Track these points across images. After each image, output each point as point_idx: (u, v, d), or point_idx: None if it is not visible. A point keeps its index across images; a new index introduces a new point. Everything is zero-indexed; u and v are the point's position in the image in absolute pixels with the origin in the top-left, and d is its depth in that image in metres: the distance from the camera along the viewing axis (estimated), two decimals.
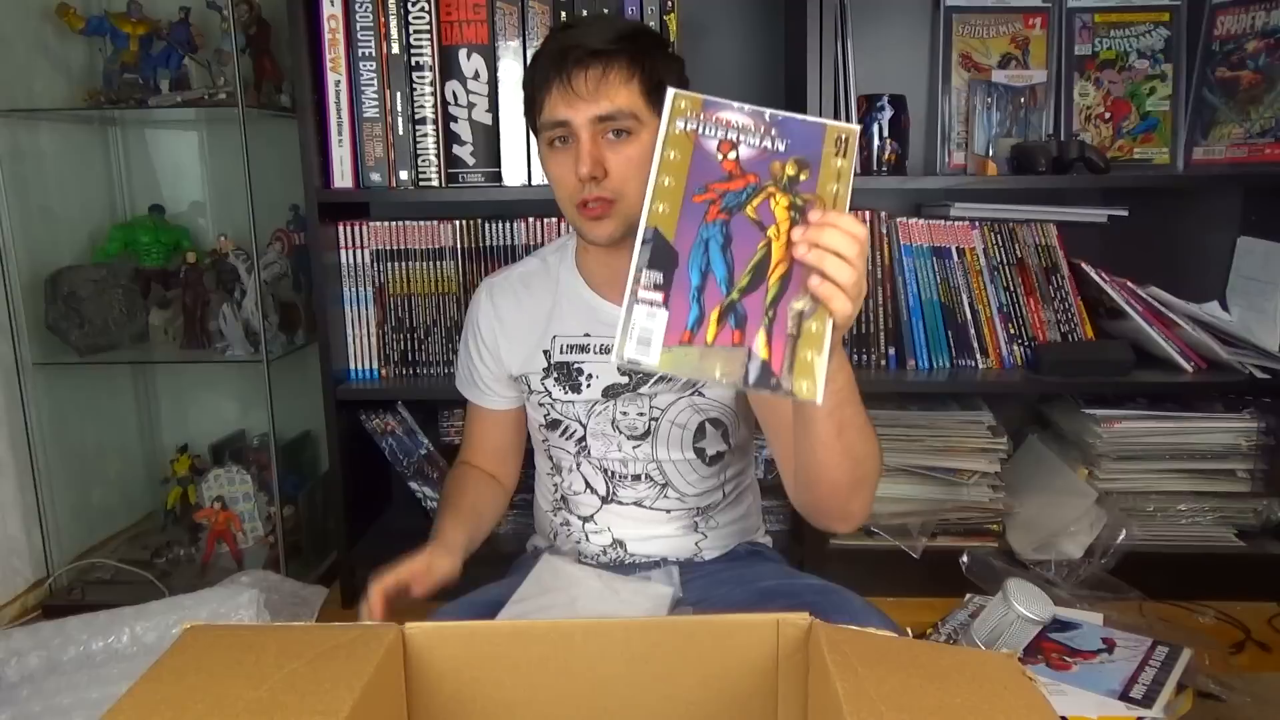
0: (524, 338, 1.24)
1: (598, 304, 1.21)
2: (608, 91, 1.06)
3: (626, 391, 1.20)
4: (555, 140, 1.10)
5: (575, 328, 1.22)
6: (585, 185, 1.08)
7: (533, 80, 1.11)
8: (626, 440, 1.22)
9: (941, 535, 1.84)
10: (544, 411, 1.25)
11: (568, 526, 1.29)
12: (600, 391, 1.21)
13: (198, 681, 0.66)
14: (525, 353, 1.24)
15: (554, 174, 1.12)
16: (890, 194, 1.93)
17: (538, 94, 1.09)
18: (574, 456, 1.25)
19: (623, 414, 1.21)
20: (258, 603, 1.55)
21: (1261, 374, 1.75)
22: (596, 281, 1.21)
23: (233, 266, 1.89)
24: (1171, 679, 1.36)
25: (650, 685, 0.76)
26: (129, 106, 1.84)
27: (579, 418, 1.23)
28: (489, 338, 1.27)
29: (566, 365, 1.22)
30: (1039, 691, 0.66)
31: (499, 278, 1.29)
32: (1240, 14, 1.85)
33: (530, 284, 1.26)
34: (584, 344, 1.21)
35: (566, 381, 1.22)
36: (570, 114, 1.07)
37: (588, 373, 1.21)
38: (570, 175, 1.08)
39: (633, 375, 1.20)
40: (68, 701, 1.40)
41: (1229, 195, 1.98)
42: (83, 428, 2.01)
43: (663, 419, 1.21)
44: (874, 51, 1.93)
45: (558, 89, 1.07)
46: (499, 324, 1.26)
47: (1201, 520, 1.81)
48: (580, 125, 1.07)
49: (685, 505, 1.25)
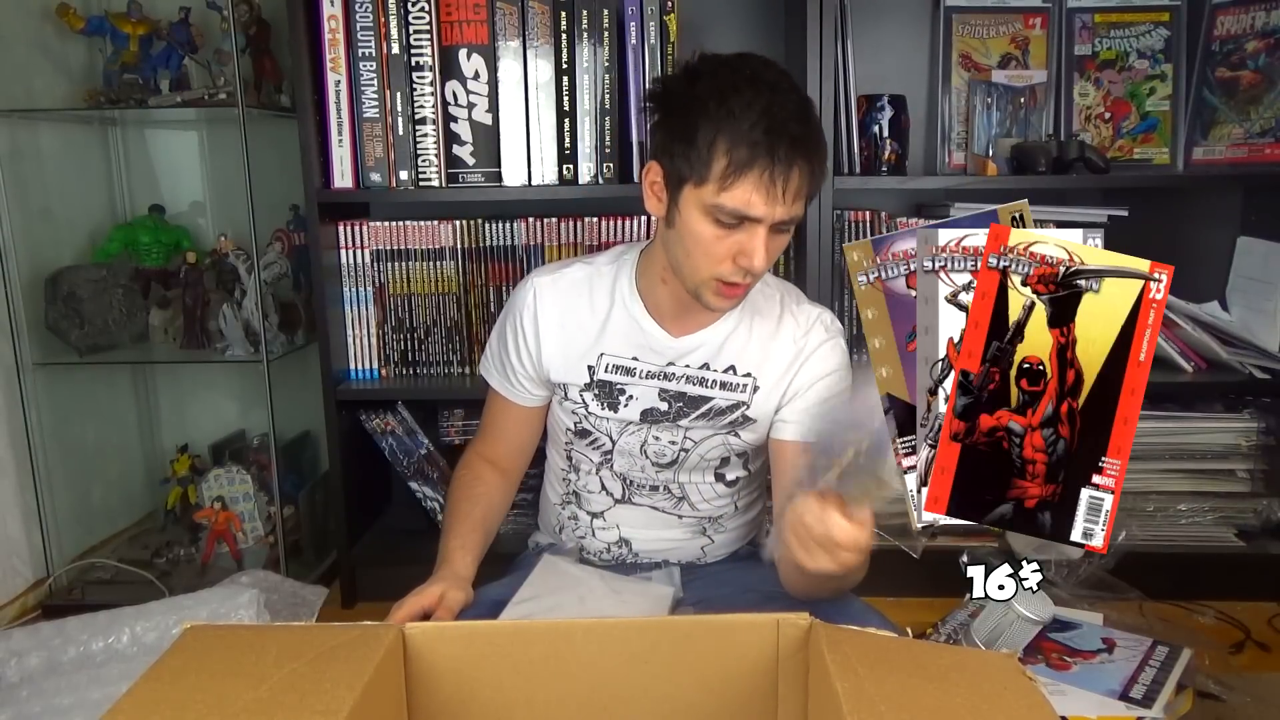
0: (569, 346, 1.21)
1: (651, 329, 1.18)
2: (800, 196, 1.02)
3: (665, 420, 1.20)
4: (727, 221, 1.02)
5: (624, 349, 1.19)
6: (741, 271, 1.04)
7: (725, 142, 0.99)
8: (652, 465, 1.22)
9: (941, 535, 1.84)
10: (575, 420, 1.23)
11: (575, 521, 1.29)
12: (638, 414, 1.20)
13: (198, 681, 0.66)
14: (568, 362, 1.21)
15: (708, 248, 1.04)
16: (890, 194, 1.93)
17: (728, 165, 0.99)
18: (595, 464, 1.25)
19: (655, 439, 1.20)
20: (258, 603, 1.55)
21: (1261, 374, 1.75)
22: (654, 307, 1.18)
23: (233, 266, 1.89)
24: (1171, 679, 1.36)
25: (650, 685, 0.76)
26: (129, 106, 1.84)
27: (610, 433, 1.22)
28: (531, 337, 1.22)
29: (609, 384, 1.20)
30: (1039, 691, 0.66)
31: (548, 278, 1.23)
32: (1240, 14, 1.85)
33: (581, 292, 1.21)
34: (631, 367, 1.19)
35: (606, 399, 1.20)
36: (766, 210, 1.00)
37: (629, 394, 1.20)
38: (726, 255, 1.04)
39: (673, 404, 1.19)
40: (68, 702, 1.39)
41: (1229, 195, 1.98)
42: (83, 428, 2.01)
43: (693, 452, 1.21)
44: (874, 51, 1.93)
45: (761, 181, 0.98)
46: (546, 328, 1.21)
47: (1201, 520, 1.81)
48: (768, 221, 1.01)
49: (697, 514, 1.25)
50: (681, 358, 1.18)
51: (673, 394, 1.19)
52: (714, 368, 1.18)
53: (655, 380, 1.19)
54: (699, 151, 1.00)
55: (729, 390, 1.18)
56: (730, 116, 0.98)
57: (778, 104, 0.99)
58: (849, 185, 1.76)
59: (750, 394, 1.18)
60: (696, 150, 1.00)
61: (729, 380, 1.18)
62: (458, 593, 1.09)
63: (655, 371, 1.19)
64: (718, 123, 0.99)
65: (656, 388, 1.19)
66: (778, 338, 1.19)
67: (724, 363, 1.18)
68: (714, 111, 0.99)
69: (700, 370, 1.18)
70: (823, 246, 1.73)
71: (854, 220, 1.84)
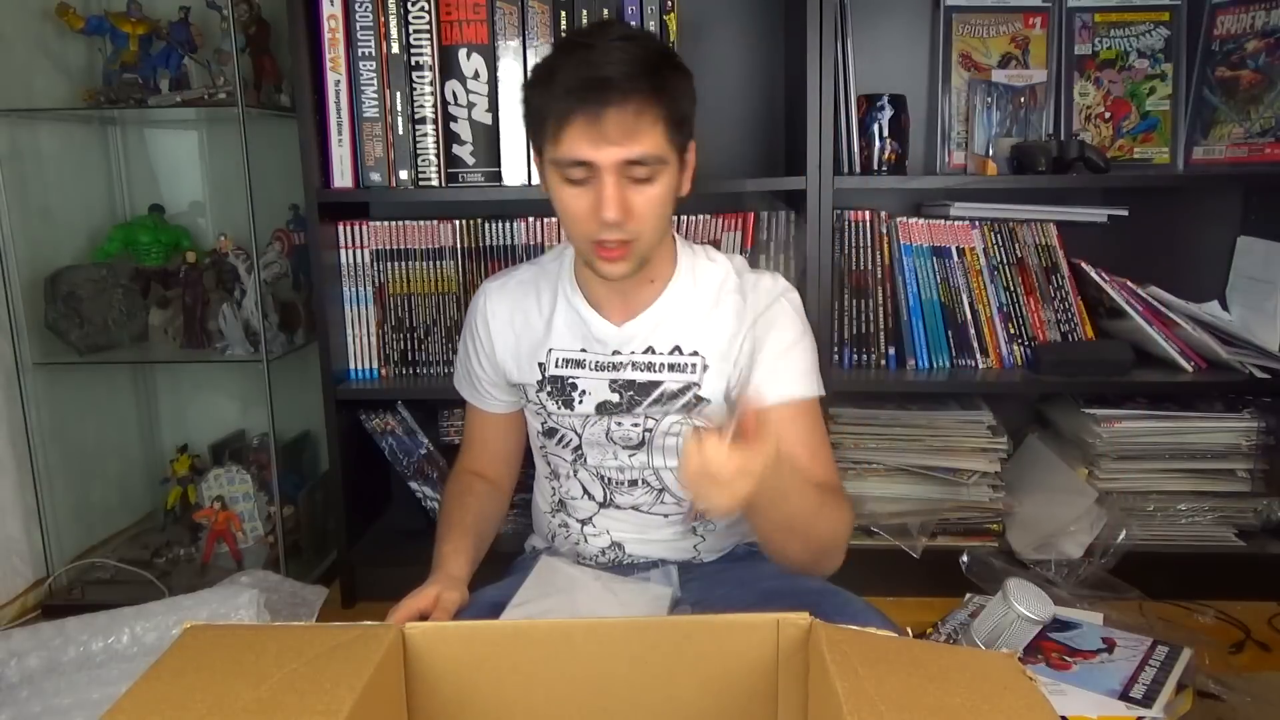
0: (521, 346, 1.23)
1: (593, 319, 1.19)
2: (638, 135, 1.01)
3: (620, 411, 1.20)
4: (573, 176, 1.04)
5: (572, 343, 1.21)
6: (605, 226, 1.04)
7: (545, 104, 1.04)
8: (622, 450, 1.22)
9: (941, 535, 1.84)
10: (540, 420, 1.25)
11: (566, 528, 1.29)
12: (593, 408, 1.20)
13: (198, 681, 0.66)
14: (522, 362, 1.23)
15: (569, 209, 1.06)
16: (890, 194, 1.93)
17: (554, 123, 1.02)
18: (570, 464, 1.25)
19: (617, 424, 1.20)
20: (258, 603, 1.55)
21: (1261, 374, 1.75)
22: (593, 297, 1.19)
23: (233, 266, 1.89)
24: (1171, 679, 1.36)
25: (650, 685, 0.76)
26: (129, 106, 1.84)
27: (574, 428, 1.22)
28: (486, 343, 1.25)
29: (560, 380, 1.21)
30: (1039, 691, 0.66)
31: (497, 282, 1.27)
32: (1240, 14, 1.84)
33: (528, 292, 1.24)
34: (579, 359, 1.20)
35: (560, 396, 1.21)
36: (597, 156, 1.01)
37: (581, 388, 1.20)
38: (587, 214, 1.05)
39: (624, 394, 1.19)
40: (68, 702, 1.39)
41: (1229, 195, 1.98)
42: (82, 428, 2.01)
43: (657, 429, 1.20)
44: (874, 51, 1.93)
45: (583, 126, 1.00)
46: (497, 330, 1.24)
47: (1201, 520, 1.81)
48: (607, 168, 1.02)
49: (682, 509, 1.25)
50: (626, 345, 1.18)
51: (622, 383, 1.19)
52: (659, 350, 1.18)
53: (605, 371, 1.19)
54: (535, 118, 1.07)
55: (677, 372, 1.17)
56: (550, 78, 1.03)
57: (596, 55, 1.02)
58: (849, 185, 1.76)
59: (700, 373, 1.17)
60: (535, 118, 1.07)
61: (675, 361, 1.17)
62: (453, 594, 1.09)
63: (604, 362, 1.19)
64: (542, 88, 1.05)
65: (606, 379, 1.19)
66: (719, 309, 1.18)
67: (668, 344, 1.18)
68: (541, 79, 1.06)
69: (645, 355, 1.18)
70: (822, 247, 1.73)
71: (854, 220, 1.84)
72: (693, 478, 0.87)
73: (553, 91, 1.02)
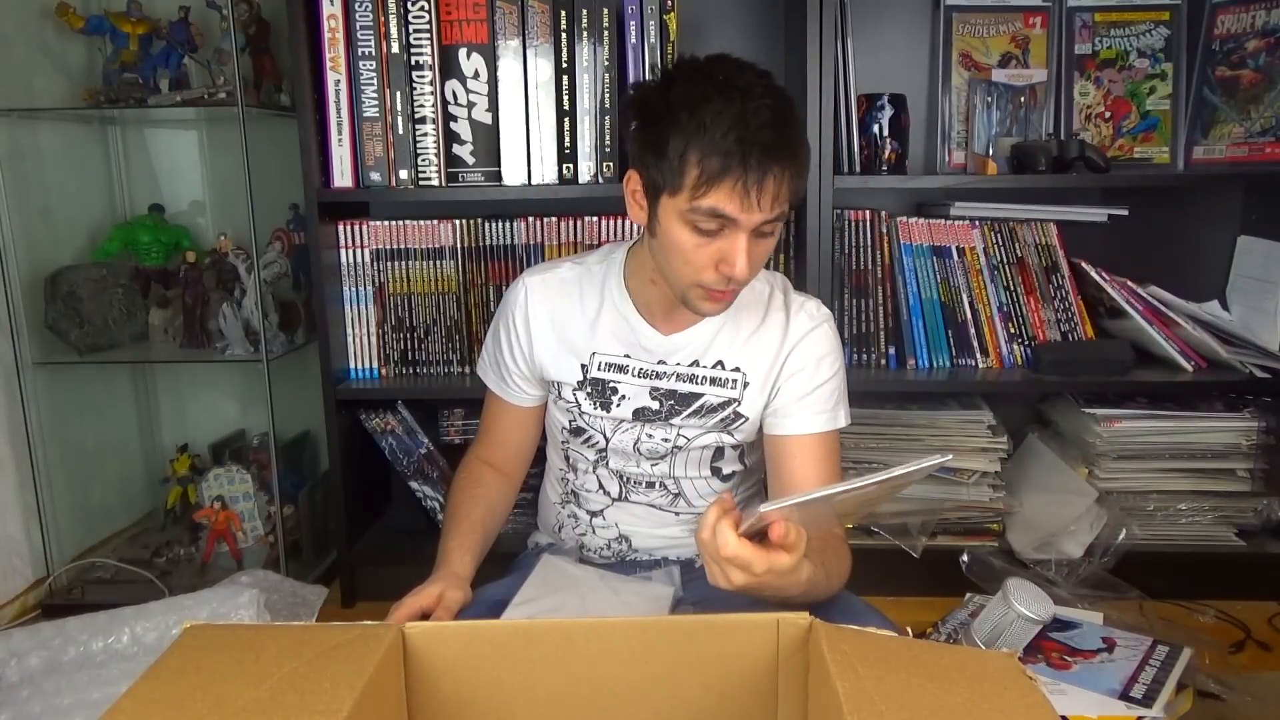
0: (562, 345, 1.22)
1: (641, 328, 1.19)
2: (782, 199, 1.01)
3: (657, 419, 1.20)
4: (705, 226, 1.01)
5: (616, 348, 1.20)
6: (721, 277, 1.04)
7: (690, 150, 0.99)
8: (646, 460, 1.22)
9: (941, 535, 1.84)
10: (570, 418, 1.24)
11: (575, 519, 1.30)
12: (630, 413, 1.20)
13: (198, 681, 0.66)
14: (561, 360, 1.22)
15: (690, 256, 1.04)
16: (890, 193, 1.93)
17: (701, 173, 0.98)
18: (591, 462, 1.25)
19: (648, 436, 1.21)
20: (258, 603, 1.55)
21: (1261, 373, 1.75)
22: (644, 306, 1.19)
23: (233, 266, 1.89)
24: (1171, 678, 1.36)
25: (650, 685, 0.76)
26: (129, 106, 1.84)
27: (604, 431, 1.22)
28: (523, 336, 1.24)
29: (602, 383, 1.21)
30: (1039, 691, 0.66)
31: (538, 278, 1.24)
32: (1240, 13, 1.84)
33: (571, 291, 1.23)
34: (623, 364, 1.20)
35: (599, 398, 1.21)
36: (743, 217, 0.99)
37: (621, 393, 1.20)
38: (708, 263, 1.03)
39: (664, 402, 1.19)
40: (68, 702, 1.39)
41: (1229, 194, 1.98)
42: (82, 427, 2.01)
43: (686, 447, 1.21)
44: (874, 51, 1.93)
45: (738, 187, 0.97)
46: (537, 326, 1.23)
47: (1201, 520, 1.81)
48: (745, 227, 1.00)
49: (694, 510, 1.25)
50: (671, 355, 1.19)
51: (664, 392, 1.19)
52: (703, 364, 1.19)
53: (647, 379, 1.19)
54: (671, 163, 1.00)
55: (719, 386, 1.19)
56: (701, 128, 0.98)
57: (750, 111, 0.98)
58: (849, 184, 1.76)
59: (740, 390, 1.18)
60: (669, 162, 1.00)
61: (718, 376, 1.19)
62: (456, 592, 1.09)
63: (647, 370, 1.19)
64: (688, 135, 0.99)
65: (648, 386, 1.19)
66: (763, 329, 1.19)
67: (712, 358, 1.19)
68: (685, 123, 0.99)
69: (690, 368, 1.19)
70: (822, 246, 1.73)
71: (854, 219, 1.84)
72: (700, 543, 0.89)
73: (704, 141, 0.98)
